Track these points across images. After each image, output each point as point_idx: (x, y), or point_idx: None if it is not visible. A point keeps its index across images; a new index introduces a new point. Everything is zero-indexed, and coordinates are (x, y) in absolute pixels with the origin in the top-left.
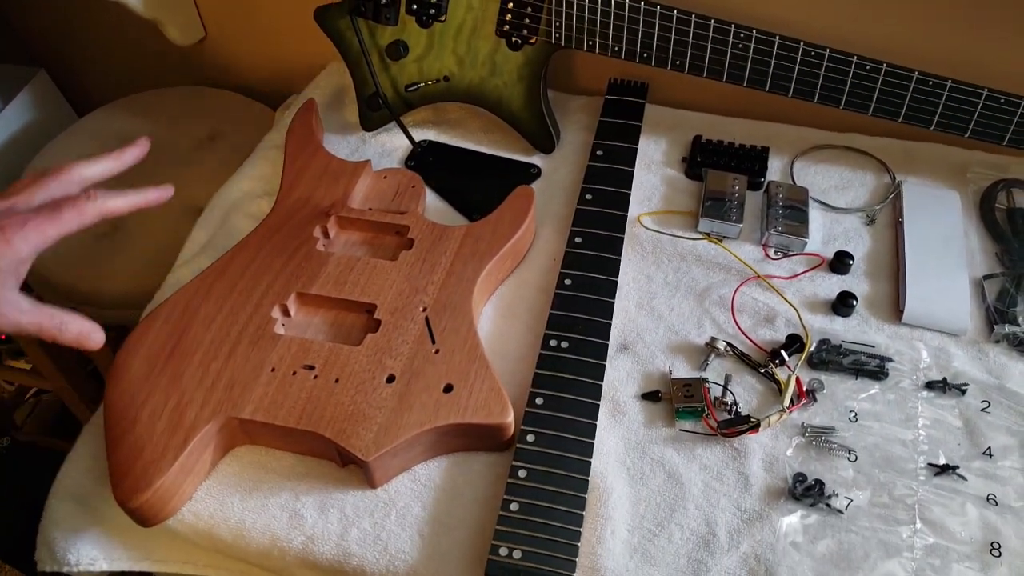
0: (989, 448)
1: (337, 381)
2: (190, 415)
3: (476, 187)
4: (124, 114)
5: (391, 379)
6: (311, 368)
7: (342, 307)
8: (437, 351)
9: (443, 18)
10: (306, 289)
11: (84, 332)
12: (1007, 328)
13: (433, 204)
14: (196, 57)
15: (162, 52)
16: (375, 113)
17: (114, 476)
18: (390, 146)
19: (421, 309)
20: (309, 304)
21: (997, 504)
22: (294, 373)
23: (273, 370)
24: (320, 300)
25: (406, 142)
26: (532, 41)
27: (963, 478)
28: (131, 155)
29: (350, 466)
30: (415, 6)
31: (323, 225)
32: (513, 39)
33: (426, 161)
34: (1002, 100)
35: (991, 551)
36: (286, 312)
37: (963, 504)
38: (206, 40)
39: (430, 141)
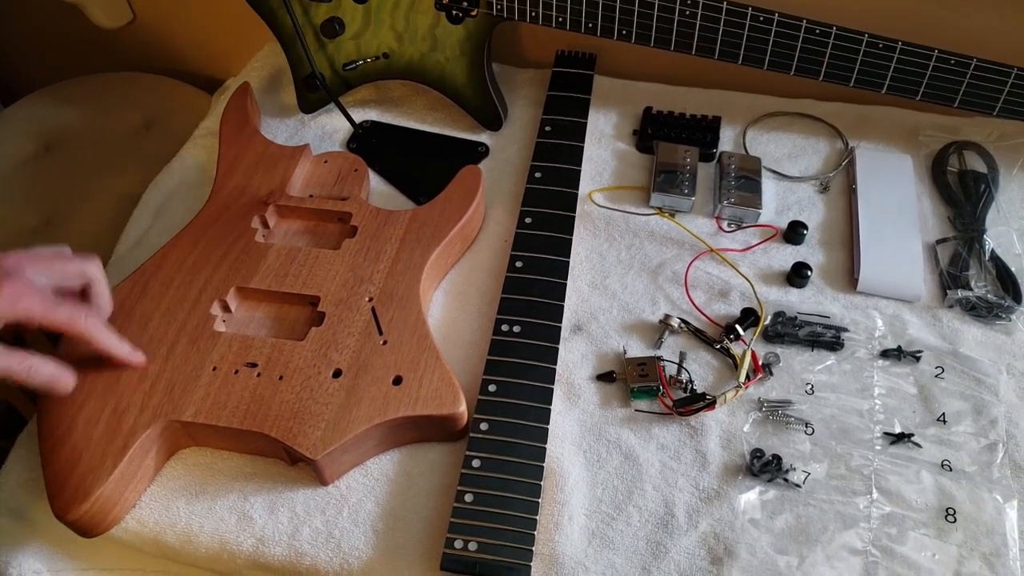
0: (943, 414)
1: (281, 378)
2: (128, 420)
3: (422, 168)
4: (53, 102)
5: (337, 373)
6: (254, 366)
7: (284, 300)
8: (385, 342)
9: None
10: (246, 283)
11: (54, 377)
12: (960, 293)
13: (378, 188)
14: (127, 41)
15: (91, 37)
16: (313, 94)
17: (50, 488)
18: (330, 128)
19: (367, 299)
20: (250, 299)
21: (951, 470)
22: (236, 372)
23: (214, 369)
24: (261, 294)
25: (348, 123)
26: (473, 13)
27: (918, 445)
28: (126, 354)
29: (300, 464)
30: None
31: (262, 215)
32: (453, 12)
33: (369, 143)
34: (952, 61)
35: (946, 517)
36: (226, 308)
37: (918, 472)
38: (136, 23)
39: (372, 121)
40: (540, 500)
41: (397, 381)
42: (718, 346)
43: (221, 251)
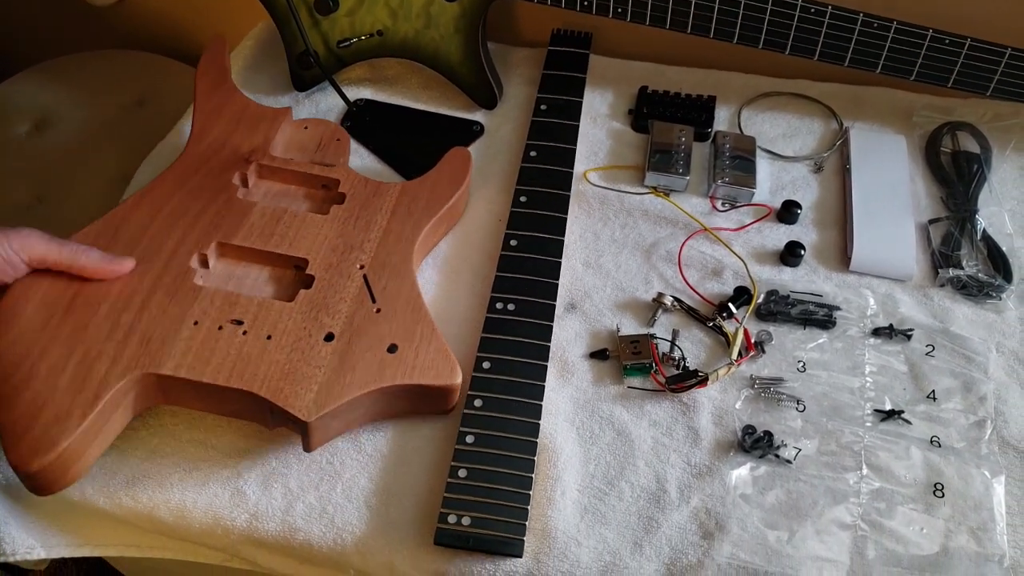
0: (933, 391)
1: (270, 338)
2: (99, 369)
3: (417, 147)
4: (43, 81)
5: (330, 337)
6: (239, 323)
7: (268, 261)
8: (378, 311)
9: None
10: (228, 239)
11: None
12: (951, 272)
13: (371, 166)
14: (119, 18)
15: (82, 15)
16: (307, 72)
17: (8, 436)
18: (325, 106)
19: (358, 267)
20: (231, 255)
21: (940, 446)
22: (220, 328)
23: (196, 323)
24: (243, 252)
25: (342, 102)
26: None
27: (908, 422)
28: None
29: (279, 429)
30: None
31: (242, 172)
32: None
33: (363, 121)
34: (946, 41)
35: (934, 492)
36: (204, 262)
37: (907, 448)
38: (126, 0)
39: (367, 100)
40: (533, 476)
41: (392, 349)
42: (711, 324)
43: (201, 204)
